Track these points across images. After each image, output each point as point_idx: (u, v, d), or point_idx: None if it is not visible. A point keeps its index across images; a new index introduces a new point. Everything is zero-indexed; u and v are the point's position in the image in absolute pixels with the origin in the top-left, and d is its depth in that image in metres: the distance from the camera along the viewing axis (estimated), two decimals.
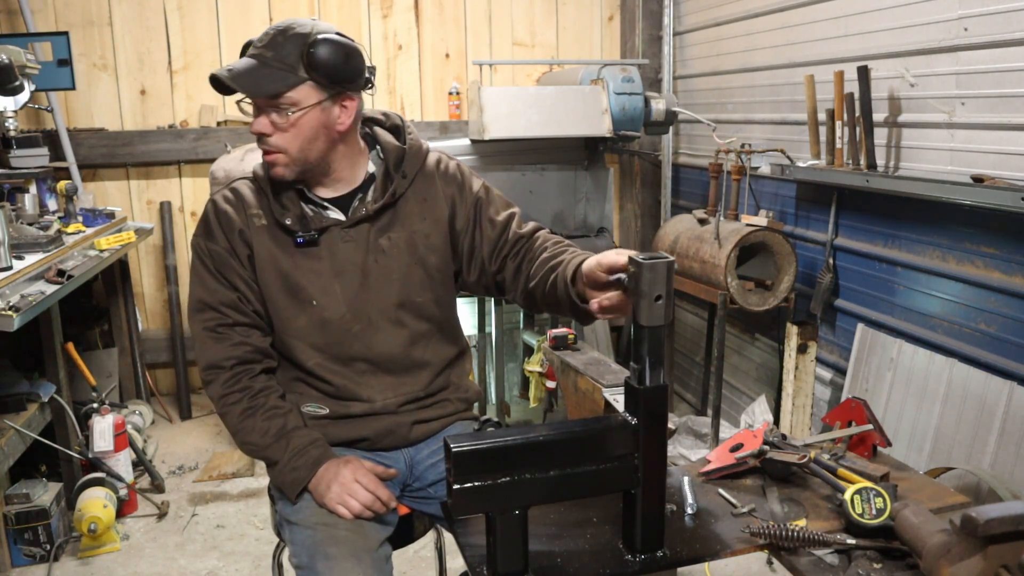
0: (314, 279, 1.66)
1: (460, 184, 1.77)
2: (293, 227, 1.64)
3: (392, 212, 1.70)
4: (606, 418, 1.67)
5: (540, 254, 1.67)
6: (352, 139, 1.67)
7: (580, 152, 4.18)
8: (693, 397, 4.22)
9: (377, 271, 1.68)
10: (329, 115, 1.59)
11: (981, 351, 2.43)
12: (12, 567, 2.78)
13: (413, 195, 1.72)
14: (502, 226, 1.75)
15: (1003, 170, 2.28)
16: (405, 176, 1.71)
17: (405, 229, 1.70)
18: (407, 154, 1.72)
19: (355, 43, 1.61)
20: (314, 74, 1.54)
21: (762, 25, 3.49)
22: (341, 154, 1.66)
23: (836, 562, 1.43)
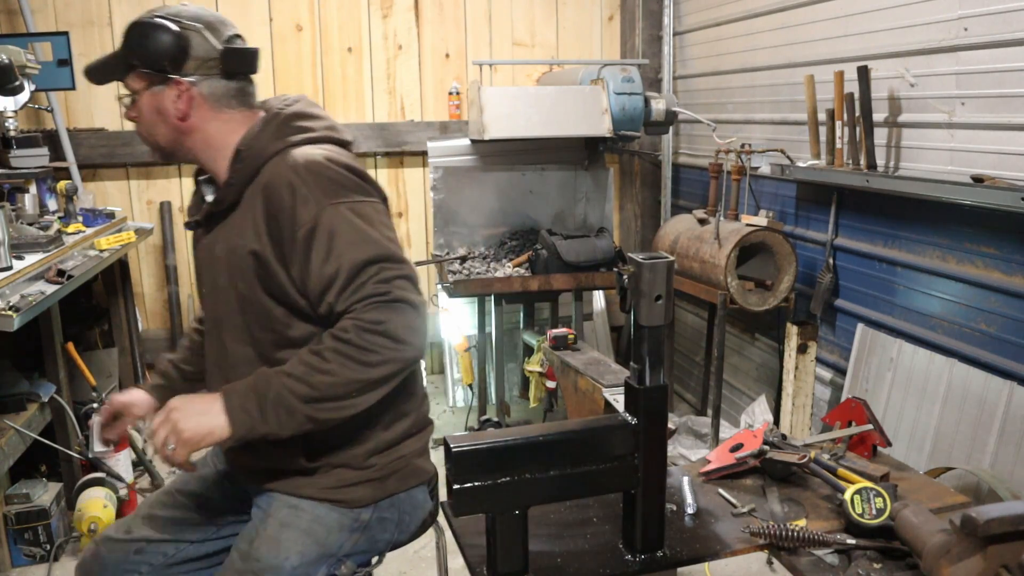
0: (199, 263, 1.66)
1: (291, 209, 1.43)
2: (190, 211, 1.68)
3: (226, 221, 1.54)
4: (606, 418, 1.67)
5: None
6: (211, 129, 1.53)
7: (580, 152, 4.18)
8: (693, 397, 4.22)
9: (211, 278, 1.58)
10: (162, 101, 1.50)
11: (981, 351, 2.43)
12: (12, 567, 2.79)
13: (246, 207, 1.50)
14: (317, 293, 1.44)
15: (1003, 170, 2.28)
16: (231, 184, 1.52)
17: (228, 245, 1.51)
18: (240, 158, 1.52)
19: (188, 24, 1.48)
20: (132, 59, 1.49)
21: (762, 25, 3.49)
22: (199, 144, 1.55)
23: (836, 562, 1.43)
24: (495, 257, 3.90)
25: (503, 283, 3.58)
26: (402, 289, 1.41)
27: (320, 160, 1.47)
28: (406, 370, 1.43)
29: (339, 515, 1.54)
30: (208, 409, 1.39)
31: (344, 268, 1.40)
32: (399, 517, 1.63)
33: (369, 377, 1.38)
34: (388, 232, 1.48)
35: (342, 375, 1.37)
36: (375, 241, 1.42)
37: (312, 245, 1.41)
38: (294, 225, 1.42)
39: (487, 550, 1.39)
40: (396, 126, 4.43)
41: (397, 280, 1.41)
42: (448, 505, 1.36)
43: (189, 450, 1.39)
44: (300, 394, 1.37)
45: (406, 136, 4.42)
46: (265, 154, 1.50)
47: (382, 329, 1.37)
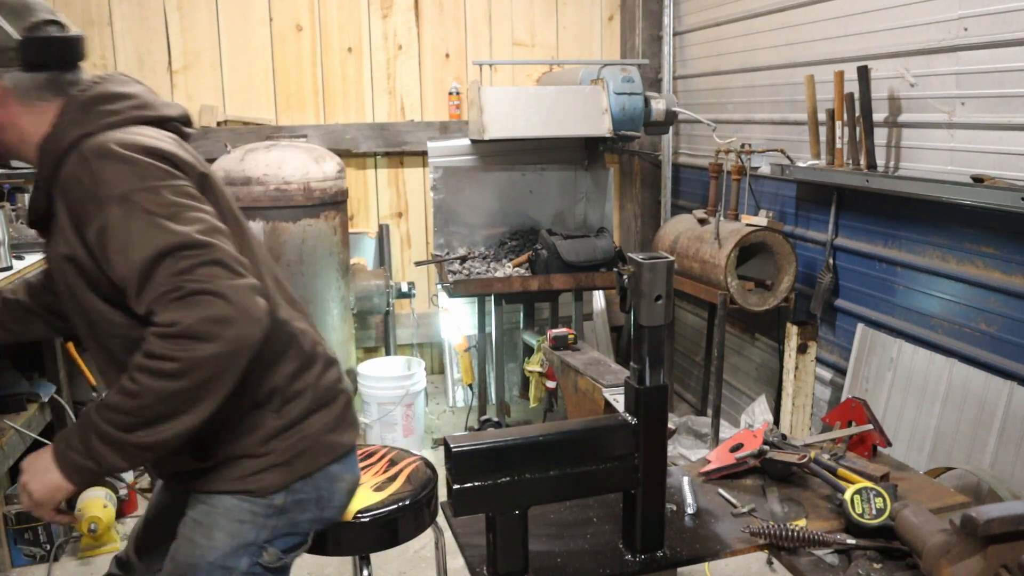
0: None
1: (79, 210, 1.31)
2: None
3: (50, 226, 1.41)
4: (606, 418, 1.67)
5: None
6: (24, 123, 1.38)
7: (580, 152, 4.18)
8: (693, 397, 4.22)
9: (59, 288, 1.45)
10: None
11: (981, 351, 2.43)
12: (12, 567, 2.78)
13: (63, 210, 1.35)
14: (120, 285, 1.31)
15: (1003, 170, 2.28)
16: (39, 188, 1.38)
17: (53, 252, 1.40)
18: (41, 155, 1.37)
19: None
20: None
21: (762, 25, 3.49)
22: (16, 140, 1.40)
23: (836, 562, 1.43)
24: (495, 257, 3.91)
25: (503, 283, 3.58)
26: (201, 279, 1.25)
27: (109, 147, 1.30)
28: (232, 366, 1.28)
29: (250, 504, 1.48)
30: (48, 466, 1.34)
31: (135, 267, 1.26)
32: (317, 495, 1.56)
33: (181, 387, 1.25)
34: (190, 214, 1.31)
35: (151, 393, 1.26)
36: (167, 231, 1.26)
37: (107, 245, 1.28)
38: (89, 225, 1.29)
39: (487, 550, 1.39)
40: (396, 126, 4.43)
41: (198, 269, 1.25)
42: (448, 505, 1.36)
43: (48, 509, 1.37)
44: (120, 425, 1.28)
45: (406, 136, 4.42)
46: (61, 148, 1.34)
47: (178, 331, 1.23)
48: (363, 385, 3.72)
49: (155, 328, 1.25)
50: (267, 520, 1.50)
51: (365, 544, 1.74)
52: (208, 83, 4.29)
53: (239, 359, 1.28)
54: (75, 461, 1.31)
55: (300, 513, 1.54)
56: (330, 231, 3.61)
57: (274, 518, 1.50)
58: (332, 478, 1.58)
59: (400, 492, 1.78)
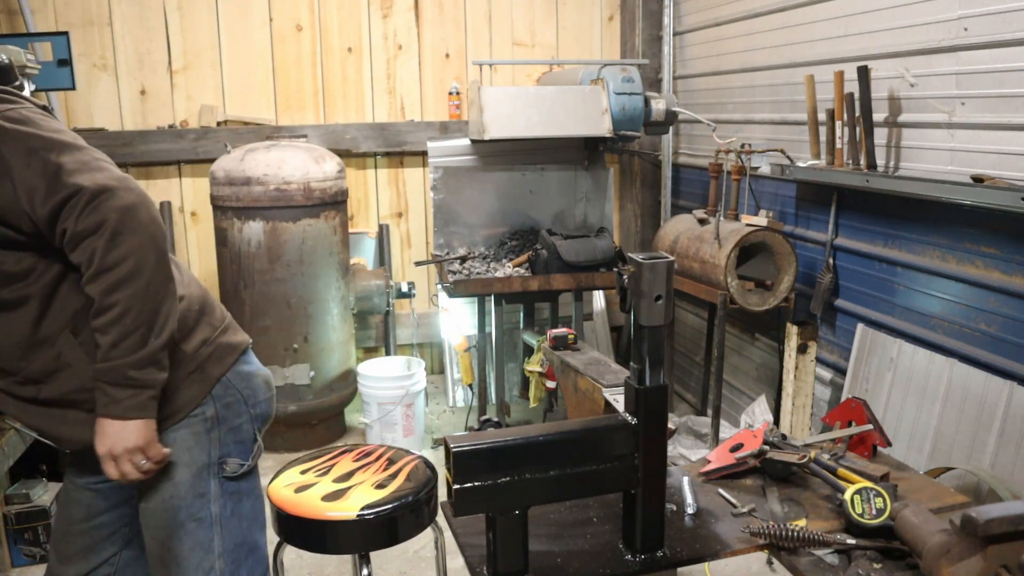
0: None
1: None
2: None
3: None
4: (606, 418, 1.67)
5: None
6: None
7: (580, 152, 4.18)
8: (693, 397, 4.22)
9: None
10: None
11: (981, 351, 2.43)
12: (12, 567, 2.78)
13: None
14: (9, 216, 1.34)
15: (1003, 170, 2.28)
16: None
17: None
18: None
19: None
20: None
21: (762, 25, 3.49)
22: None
23: (836, 562, 1.43)
24: (495, 257, 3.91)
25: (503, 283, 3.58)
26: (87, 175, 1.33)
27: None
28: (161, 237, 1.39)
29: (186, 427, 1.53)
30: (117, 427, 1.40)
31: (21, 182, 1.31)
32: (241, 395, 1.61)
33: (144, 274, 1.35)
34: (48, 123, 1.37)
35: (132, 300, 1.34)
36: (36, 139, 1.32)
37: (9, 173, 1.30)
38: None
39: (487, 550, 1.39)
40: (396, 126, 4.43)
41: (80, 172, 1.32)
42: (448, 505, 1.37)
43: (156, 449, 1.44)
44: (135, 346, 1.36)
45: (406, 136, 4.42)
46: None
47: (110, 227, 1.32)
48: (363, 385, 3.72)
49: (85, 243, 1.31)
50: (208, 435, 1.55)
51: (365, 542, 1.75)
52: (208, 83, 4.29)
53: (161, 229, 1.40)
54: (134, 402, 1.39)
55: (235, 417, 1.60)
56: (330, 231, 3.61)
57: (215, 430, 1.56)
58: (246, 376, 1.63)
59: (402, 489, 1.78)
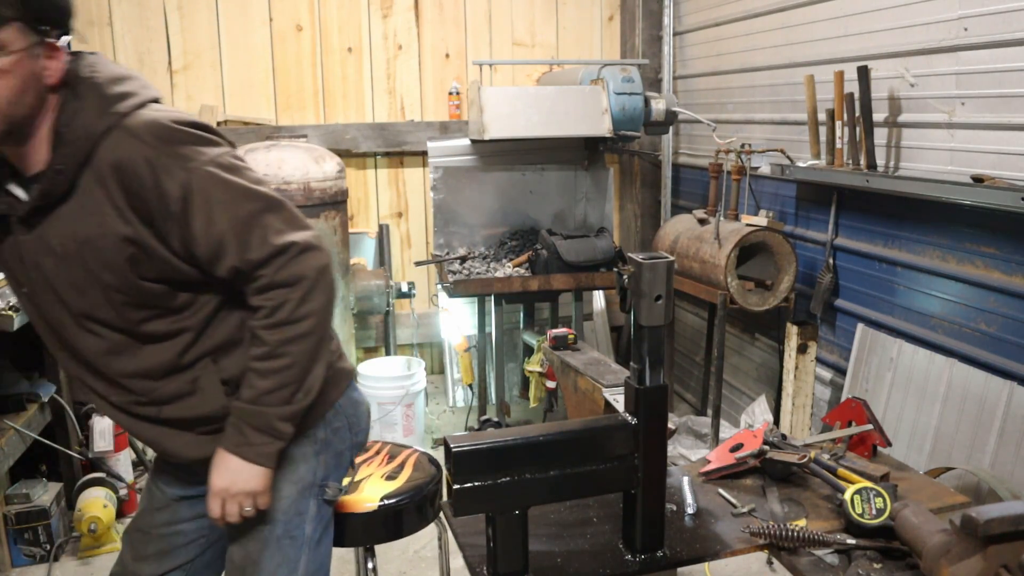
0: (14, 267, 1.44)
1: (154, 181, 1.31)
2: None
3: (65, 211, 1.34)
4: (606, 418, 1.67)
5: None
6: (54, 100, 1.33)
7: (580, 152, 4.18)
8: (693, 397, 4.22)
9: (56, 275, 1.39)
10: (37, 64, 1.28)
11: (981, 351, 2.43)
12: (12, 567, 2.78)
13: (94, 189, 1.32)
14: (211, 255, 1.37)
15: (1003, 170, 2.28)
16: (61, 171, 1.31)
17: (75, 237, 1.34)
18: (63, 143, 1.31)
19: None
20: (26, 10, 1.25)
21: (762, 25, 3.49)
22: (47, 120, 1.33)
23: (836, 562, 1.43)
24: (495, 257, 3.91)
25: (503, 283, 3.58)
26: (296, 232, 1.38)
27: (166, 124, 1.33)
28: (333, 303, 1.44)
29: (298, 446, 1.54)
30: (241, 467, 1.43)
31: (230, 228, 1.33)
32: (348, 422, 1.64)
33: (316, 339, 1.41)
34: (255, 176, 1.40)
35: (301, 356, 1.40)
36: (251, 192, 1.36)
37: (190, 213, 1.32)
38: (164, 199, 1.31)
39: (487, 550, 1.39)
40: (396, 126, 4.43)
41: (289, 228, 1.38)
42: (448, 505, 1.37)
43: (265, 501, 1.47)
44: (284, 399, 1.41)
45: (406, 136, 4.42)
46: (95, 133, 1.31)
47: (308, 285, 1.37)
48: (363, 385, 3.72)
49: (279, 293, 1.36)
50: (317, 457, 1.57)
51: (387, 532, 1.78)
52: (208, 83, 4.29)
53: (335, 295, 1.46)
54: (266, 451, 1.43)
55: (340, 442, 1.61)
56: (330, 231, 3.61)
57: (322, 452, 1.57)
58: (355, 403, 1.66)
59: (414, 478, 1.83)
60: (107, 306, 1.39)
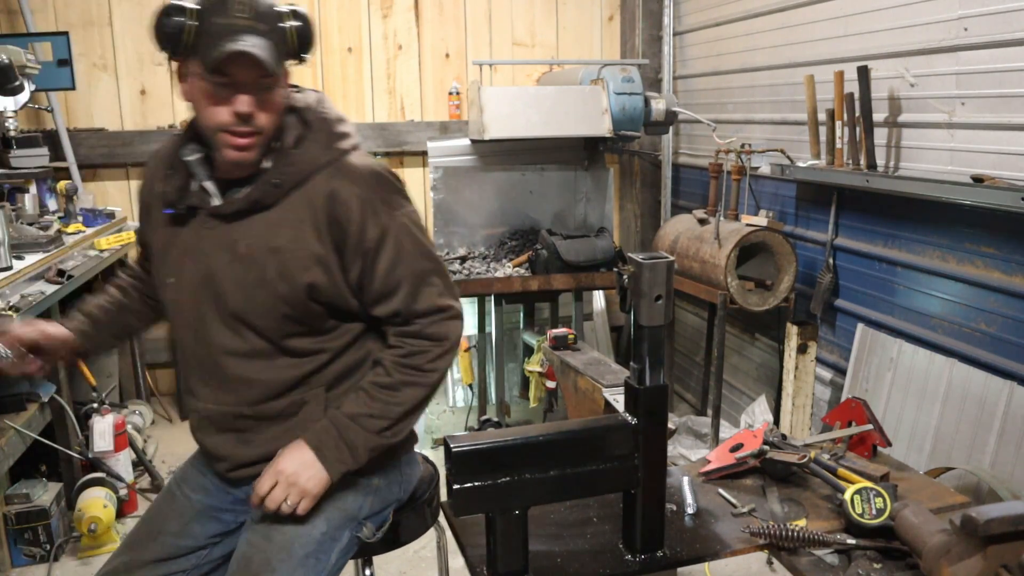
0: (174, 256, 1.56)
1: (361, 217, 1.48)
2: (168, 197, 1.54)
3: (261, 219, 1.50)
4: (606, 418, 1.67)
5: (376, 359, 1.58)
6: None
7: (580, 152, 4.18)
8: (693, 397, 4.22)
9: (226, 273, 1.50)
10: (286, 90, 1.51)
11: (981, 351, 2.43)
12: (12, 567, 2.78)
13: (294, 207, 1.49)
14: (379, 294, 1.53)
15: (1003, 170, 2.28)
16: (278, 186, 1.48)
17: (266, 244, 1.49)
18: (292, 159, 1.49)
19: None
20: (299, 50, 1.46)
21: (762, 25, 3.49)
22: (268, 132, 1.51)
23: (836, 562, 1.43)
24: (495, 257, 3.90)
25: (503, 283, 3.58)
26: (454, 300, 1.56)
27: (380, 172, 1.53)
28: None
29: (356, 480, 1.58)
30: (311, 463, 1.47)
31: (408, 277, 1.51)
32: (401, 477, 1.69)
33: (429, 394, 1.54)
34: (430, 240, 1.60)
35: (410, 401, 1.51)
36: (430, 253, 1.55)
37: (380, 254, 1.49)
38: (363, 235, 1.48)
39: (487, 550, 1.39)
40: (396, 126, 4.43)
41: (449, 295, 1.55)
42: (448, 505, 1.37)
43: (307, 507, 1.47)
44: (378, 428, 1.49)
45: (406, 136, 4.42)
46: (319, 162, 1.50)
47: (444, 348, 1.53)
48: None
49: (424, 341, 1.51)
50: (366, 497, 1.60)
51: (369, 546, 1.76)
52: None
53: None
54: (339, 464, 1.48)
55: (388, 493, 1.66)
56: None
57: (371, 496, 1.61)
58: (412, 462, 1.73)
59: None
60: (268, 313, 1.50)
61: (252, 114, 1.42)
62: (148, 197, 1.62)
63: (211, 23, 1.39)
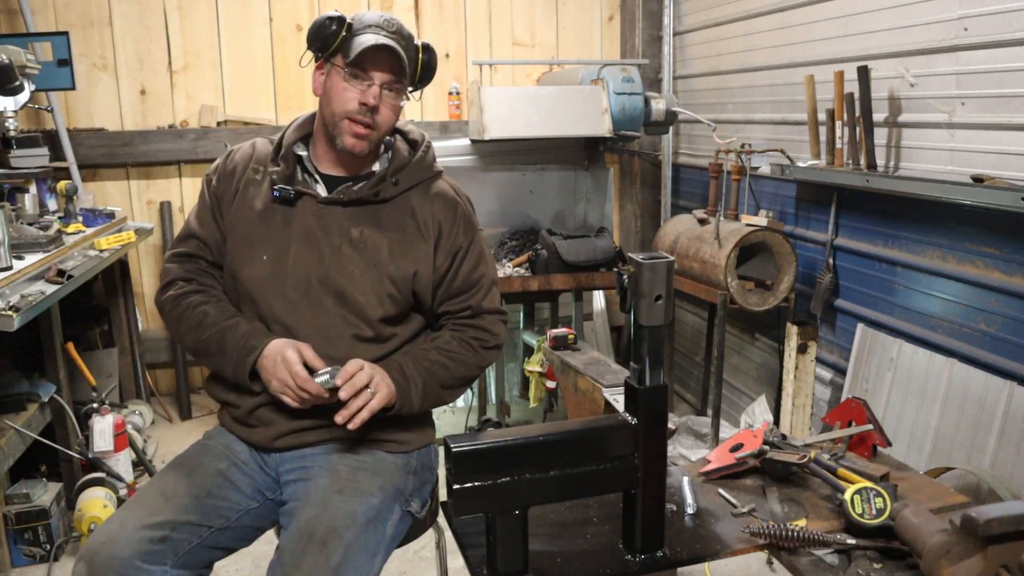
0: (274, 235, 1.71)
1: (455, 223, 1.78)
2: (276, 182, 1.72)
3: (374, 211, 1.74)
4: (606, 418, 1.67)
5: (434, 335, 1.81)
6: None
7: (580, 152, 4.18)
8: (693, 397, 4.22)
9: (336, 255, 1.70)
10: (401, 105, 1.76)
11: (981, 351, 2.43)
12: (12, 567, 2.78)
13: (402, 206, 1.76)
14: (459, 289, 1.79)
15: (1003, 170, 2.28)
16: (397, 184, 1.75)
17: (380, 233, 1.73)
18: (408, 165, 1.77)
19: None
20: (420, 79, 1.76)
21: (762, 25, 3.49)
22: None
23: (836, 562, 1.43)
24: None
25: (503, 283, 3.58)
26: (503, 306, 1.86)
27: (466, 196, 1.86)
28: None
29: (395, 457, 1.73)
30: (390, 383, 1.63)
31: (484, 280, 1.80)
32: (430, 464, 1.85)
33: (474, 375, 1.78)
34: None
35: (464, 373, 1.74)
36: (493, 266, 1.86)
37: (466, 256, 1.78)
38: (455, 238, 1.77)
39: (487, 550, 1.39)
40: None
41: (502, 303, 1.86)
42: (448, 505, 1.37)
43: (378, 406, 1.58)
44: (439, 383, 1.70)
45: None
46: (427, 174, 1.80)
47: (498, 342, 1.81)
48: None
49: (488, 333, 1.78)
50: (407, 475, 1.74)
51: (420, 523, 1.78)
52: (208, 83, 4.29)
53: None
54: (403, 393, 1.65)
55: (425, 473, 1.81)
56: None
57: (412, 475, 1.76)
58: (435, 454, 1.87)
59: None
60: (372, 289, 1.70)
61: (376, 107, 1.66)
62: (224, 187, 1.77)
63: (360, 31, 1.66)
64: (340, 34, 1.65)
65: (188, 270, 1.79)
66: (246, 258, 1.72)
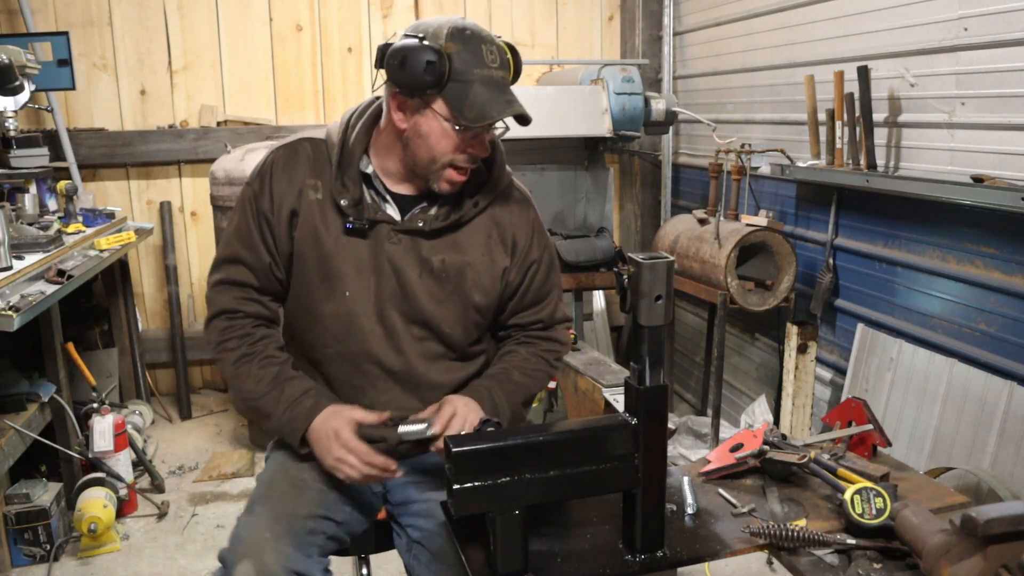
0: (352, 269, 1.62)
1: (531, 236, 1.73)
2: (347, 211, 1.59)
3: (453, 235, 1.65)
4: (606, 418, 1.67)
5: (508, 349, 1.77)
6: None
7: (580, 152, 4.18)
8: (693, 397, 4.22)
9: (418, 287, 1.64)
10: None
11: (981, 351, 2.43)
12: (12, 567, 2.78)
13: (481, 226, 1.67)
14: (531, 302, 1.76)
15: (1003, 170, 2.28)
16: (477, 205, 1.66)
17: (461, 258, 1.65)
18: (489, 182, 1.68)
19: None
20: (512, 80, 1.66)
21: (762, 25, 3.49)
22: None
23: (836, 562, 1.43)
24: None
25: None
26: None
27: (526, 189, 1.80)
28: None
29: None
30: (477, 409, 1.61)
31: (555, 291, 1.78)
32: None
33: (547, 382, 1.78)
34: None
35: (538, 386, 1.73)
36: (561, 276, 1.83)
37: (539, 269, 1.73)
38: (529, 251, 1.72)
39: (487, 550, 1.39)
40: None
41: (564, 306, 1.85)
42: (448, 505, 1.36)
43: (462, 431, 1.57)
44: (525, 399, 1.71)
45: None
46: (503, 186, 1.72)
47: (566, 351, 1.83)
48: None
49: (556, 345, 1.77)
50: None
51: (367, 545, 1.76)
52: (208, 83, 4.29)
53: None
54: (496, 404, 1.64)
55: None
56: None
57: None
58: None
59: None
60: (460, 322, 1.67)
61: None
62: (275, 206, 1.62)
63: (466, 71, 1.47)
64: (444, 81, 1.47)
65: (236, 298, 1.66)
66: (325, 293, 1.63)
